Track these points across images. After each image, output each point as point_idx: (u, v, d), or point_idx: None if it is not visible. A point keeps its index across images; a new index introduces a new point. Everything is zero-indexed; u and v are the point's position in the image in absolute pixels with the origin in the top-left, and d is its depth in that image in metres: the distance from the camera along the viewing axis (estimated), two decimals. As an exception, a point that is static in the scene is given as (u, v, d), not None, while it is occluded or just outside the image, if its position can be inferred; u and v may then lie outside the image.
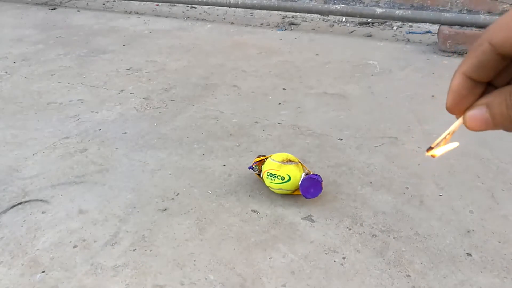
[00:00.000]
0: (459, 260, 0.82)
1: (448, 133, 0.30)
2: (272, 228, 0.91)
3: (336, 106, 1.47)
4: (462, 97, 0.27)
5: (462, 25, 1.94)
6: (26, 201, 1.00)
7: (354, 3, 2.38)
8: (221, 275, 0.79)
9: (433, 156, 0.31)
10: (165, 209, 0.97)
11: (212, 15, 2.72)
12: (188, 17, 2.69)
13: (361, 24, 2.45)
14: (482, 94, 0.28)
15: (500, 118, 0.26)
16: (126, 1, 3.07)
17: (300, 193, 0.96)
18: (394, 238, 0.88)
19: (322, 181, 0.96)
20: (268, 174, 0.97)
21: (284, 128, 1.32)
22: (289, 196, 0.99)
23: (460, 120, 0.28)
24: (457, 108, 0.28)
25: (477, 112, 0.27)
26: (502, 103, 0.26)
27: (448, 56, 1.91)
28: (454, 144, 0.31)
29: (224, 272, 0.80)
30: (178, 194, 1.02)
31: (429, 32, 2.28)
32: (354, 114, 1.40)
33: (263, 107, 1.46)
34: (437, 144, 0.31)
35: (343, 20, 2.52)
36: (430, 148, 0.31)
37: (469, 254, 0.83)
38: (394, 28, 2.38)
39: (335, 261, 0.82)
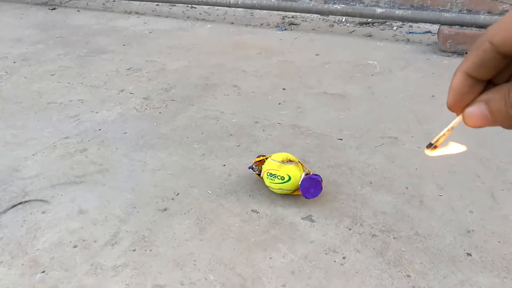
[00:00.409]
0: (459, 260, 0.82)
1: (448, 130, 0.30)
2: (272, 228, 0.91)
3: (336, 106, 1.47)
4: (463, 95, 0.28)
5: (462, 25, 1.94)
6: (26, 201, 1.00)
7: (354, 3, 2.38)
8: (221, 275, 0.79)
9: (432, 150, 0.31)
10: (165, 209, 0.97)
11: (212, 15, 2.72)
12: (188, 17, 2.69)
13: (361, 24, 2.45)
14: (482, 92, 0.28)
15: (499, 114, 0.27)
16: (126, 1, 3.07)
17: (300, 193, 0.96)
18: (394, 238, 0.88)
19: (322, 181, 0.96)
20: (268, 174, 0.97)
21: (284, 128, 1.32)
22: (289, 196, 0.99)
23: (460, 117, 0.29)
24: (458, 105, 0.29)
25: (476, 109, 0.27)
26: (501, 100, 0.26)
27: (448, 56, 1.91)
28: (458, 149, 0.31)
29: (224, 272, 0.80)
30: (178, 194, 1.02)
31: (429, 32, 2.28)
32: (354, 114, 1.40)
33: (263, 107, 1.46)
34: (437, 141, 0.31)
35: (343, 20, 2.52)
36: (430, 145, 0.31)
37: (469, 254, 0.83)
38: (394, 28, 2.38)
39: (335, 261, 0.82)
